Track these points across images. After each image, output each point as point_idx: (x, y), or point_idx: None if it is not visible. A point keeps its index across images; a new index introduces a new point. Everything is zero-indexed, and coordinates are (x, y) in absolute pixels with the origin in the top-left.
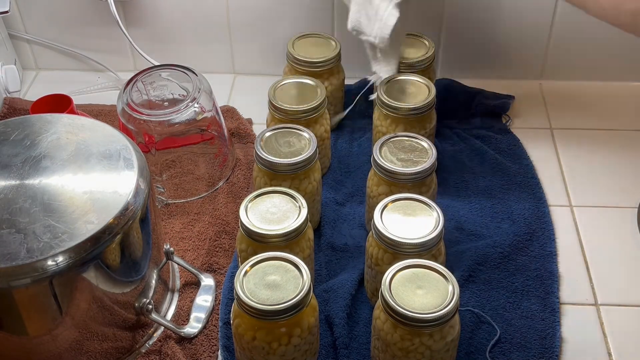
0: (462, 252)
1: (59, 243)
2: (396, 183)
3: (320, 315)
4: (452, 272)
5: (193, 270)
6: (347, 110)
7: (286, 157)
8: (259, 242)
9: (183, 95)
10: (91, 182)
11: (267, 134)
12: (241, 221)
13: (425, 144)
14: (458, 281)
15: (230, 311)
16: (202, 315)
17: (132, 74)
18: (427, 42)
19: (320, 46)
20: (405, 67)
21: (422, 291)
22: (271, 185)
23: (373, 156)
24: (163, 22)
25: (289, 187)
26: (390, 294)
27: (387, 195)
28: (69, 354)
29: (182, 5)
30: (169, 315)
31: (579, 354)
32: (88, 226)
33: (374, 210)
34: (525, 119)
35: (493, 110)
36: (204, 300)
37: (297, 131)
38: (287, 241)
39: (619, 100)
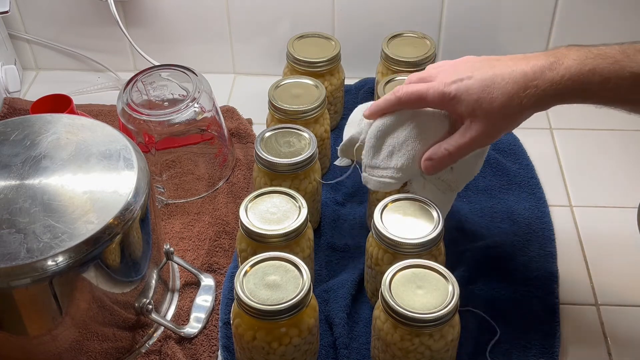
0: (462, 252)
1: (59, 243)
2: None
3: (320, 316)
4: (452, 272)
5: (193, 270)
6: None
7: (286, 157)
8: (259, 242)
9: (183, 95)
10: (91, 182)
11: (267, 134)
12: (241, 221)
13: None
14: (458, 281)
15: (230, 311)
16: (202, 315)
17: (132, 74)
18: (427, 42)
19: (320, 46)
20: (405, 66)
21: (422, 291)
22: (271, 185)
23: None
24: (163, 22)
25: (289, 187)
26: (390, 294)
27: (387, 191)
28: (69, 354)
29: (182, 5)
30: (169, 315)
31: (579, 354)
32: (88, 226)
33: (375, 206)
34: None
35: None
36: (204, 300)
37: (297, 131)
38: (287, 241)
39: None
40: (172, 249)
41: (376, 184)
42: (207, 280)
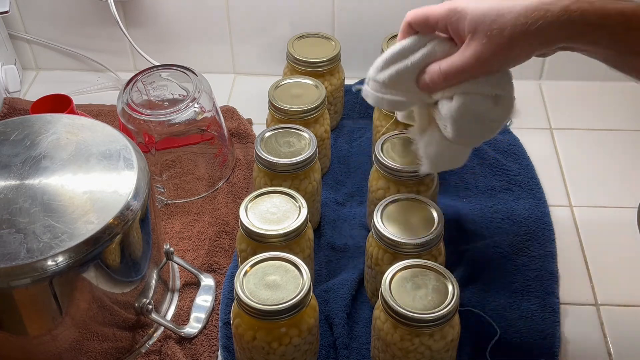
0: (462, 252)
1: (59, 243)
2: (396, 180)
3: (320, 315)
4: (452, 272)
5: (193, 270)
6: None
7: (286, 157)
8: (259, 242)
9: (183, 95)
10: (91, 182)
11: (267, 134)
12: (241, 221)
13: None
14: (458, 281)
15: (230, 311)
16: (202, 315)
17: (132, 74)
18: None
19: (320, 46)
20: None
21: (422, 291)
22: (271, 185)
23: (375, 153)
24: (163, 22)
25: (289, 187)
26: (390, 294)
27: (385, 190)
28: (69, 354)
29: (182, 6)
30: (169, 315)
31: (579, 354)
32: (88, 226)
33: (375, 206)
34: (525, 119)
35: None
36: (204, 300)
37: (297, 131)
38: (287, 241)
39: (619, 100)
40: (172, 249)
41: (375, 98)
42: (207, 280)
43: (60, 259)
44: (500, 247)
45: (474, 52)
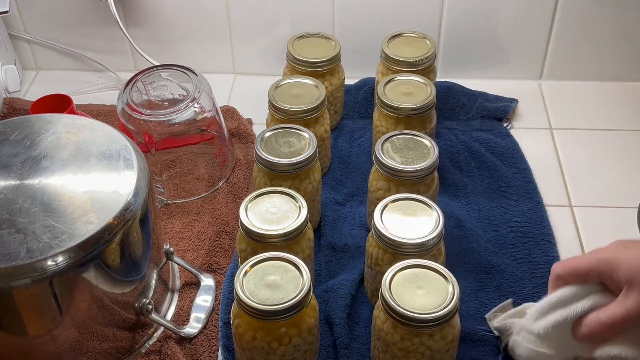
0: (462, 253)
1: (59, 243)
2: (396, 180)
3: (320, 315)
4: (452, 273)
5: (193, 270)
6: None
7: (286, 157)
8: (259, 242)
9: (183, 95)
10: (91, 182)
11: (267, 134)
12: (241, 221)
13: (428, 142)
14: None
15: (230, 311)
16: (202, 315)
17: (132, 74)
18: (428, 42)
19: (320, 46)
20: (405, 66)
21: (422, 291)
22: (271, 185)
23: (375, 153)
24: (163, 22)
25: (289, 187)
26: (390, 294)
27: (385, 190)
28: (69, 354)
29: (182, 6)
30: (169, 315)
31: None
32: (88, 226)
33: (375, 206)
34: (525, 120)
35: (494, 113)
36: (204, 300)
37: (297, 131)
38: (287, 241)
39: (619, 100)
40: (172, 249)
41: (528, 351)
42: (207, 280)
43: (60, 259)
44: (500, 252)
45: (636, 300)
